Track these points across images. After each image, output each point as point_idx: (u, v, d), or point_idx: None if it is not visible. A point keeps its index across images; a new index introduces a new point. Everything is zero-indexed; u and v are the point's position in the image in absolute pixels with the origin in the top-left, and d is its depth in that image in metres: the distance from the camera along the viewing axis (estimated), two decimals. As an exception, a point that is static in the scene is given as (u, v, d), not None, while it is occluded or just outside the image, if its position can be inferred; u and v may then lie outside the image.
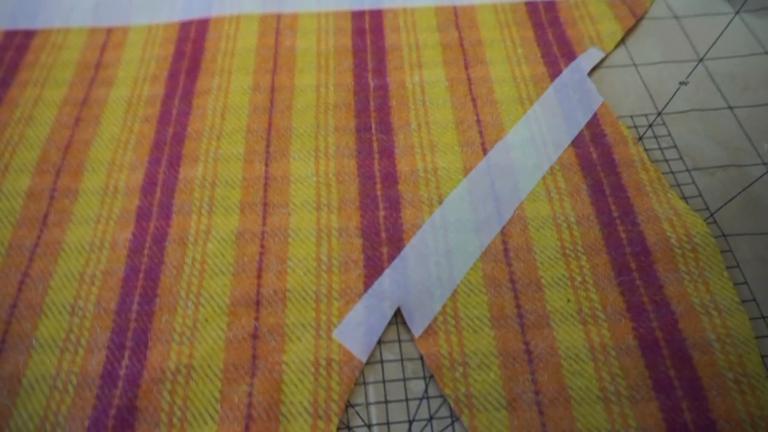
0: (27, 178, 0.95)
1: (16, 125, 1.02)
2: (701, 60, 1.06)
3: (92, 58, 1.13)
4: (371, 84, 1.05)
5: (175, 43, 1.13)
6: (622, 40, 1.11)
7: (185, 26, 1.16)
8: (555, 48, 1.09)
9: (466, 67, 1.07)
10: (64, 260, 0.86)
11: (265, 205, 0.90)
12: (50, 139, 1.00)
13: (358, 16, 1.16)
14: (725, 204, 0.87)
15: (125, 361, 0.76)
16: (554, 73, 1.05)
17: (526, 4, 1.17)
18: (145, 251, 0.86)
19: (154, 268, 0.84)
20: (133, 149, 0.98)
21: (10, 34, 1.17)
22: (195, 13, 1.18)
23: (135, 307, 0.81)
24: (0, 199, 0.92)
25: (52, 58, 1.13)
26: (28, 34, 1.17)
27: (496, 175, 0.92)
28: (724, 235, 0.85)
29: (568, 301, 0.79)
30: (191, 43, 1.13)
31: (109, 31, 1.17)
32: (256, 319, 0.79)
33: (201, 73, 1.08)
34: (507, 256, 0.83)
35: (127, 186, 0.93)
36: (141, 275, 0.84)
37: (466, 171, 0.93)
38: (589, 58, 1.07)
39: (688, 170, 0.92)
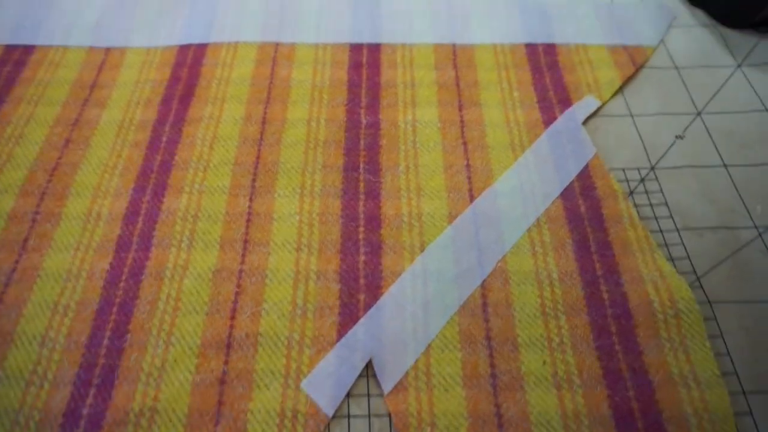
0: (11, 200, 0.94)
1: (6, 144, 1.01)
2: (699, 114, 1.05)
3: (88, 77, 1.12)
4: (363, 121, 1.04)
5: (172, 68, 1.13)
6: (620, 89, 1.09)
7: (183, 51, 1.16)
8: (551, 93, 1.08)
9: (460, 109, 1.06)
10: (39, 288, 0.85)
11: (245, 242, 0.89)
12: (38, 159, 1.00)
13: (356, 49, 1.16)
14: (713, 268, 0.85)
15: (90, 400, 0.75)
16: (549, 119, 1.04)
17: (526, 46, 1.16)
18: (121, 284, 0.85)
19: (129, 302, 0.83)
20: (120, 175, 0.97)
21: (10, 49, 1.17)
22: (194, 39, 1.18)
23: (105, 342, 0.80)
24: (-19, 221, 0.92)
25: (48, 75, 1.13)
26: (28, 50, 1.17)
27: (481, 224, 0.90)
28: (709, 302, 0.83)
29: (544, 363, 0.78)
30: (187, 68, 1.12)
31: (108, 52, 1.17)
32: (226, 363, 0.78)
33: (194, 100, 1.07)
34: (485, 312, 0.82)
35: (110, 213, 0.93)
36: (115, 309, 0.83)
37: (452, 218, 0.91)
38: (585, 106, 1.05)
39: (677, 230, 0.91)
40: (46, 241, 0.90)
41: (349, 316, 0.82)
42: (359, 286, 0.84)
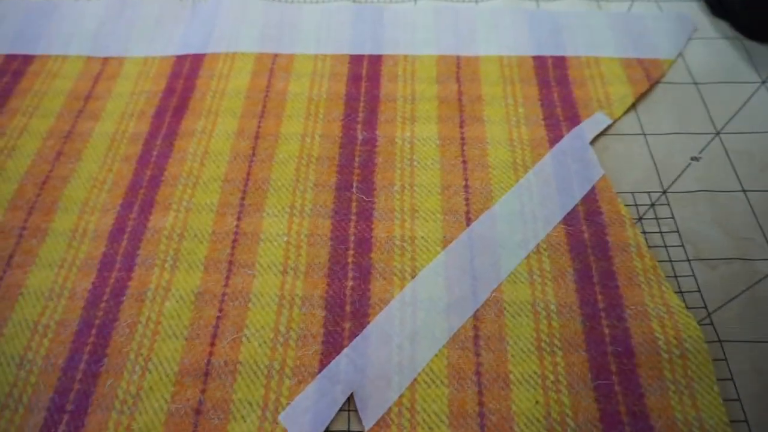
0: (0, 214, 0.93)
1: (-1, 156, 1.00)
2: (718, 133, 0.98)
3: (84, 88, 1.11)
4: (359, 137, 1.00)
5: (168, 79, 1.11)
6: (633, 105, 1.03)
7: (180, 61, 1.14)
8: (559, 110, 1.02)
9: (462, 125, 1.01)
10: (21, 306, 0.83)
11: (230, 263, 0.86)
12: (29, 173, 0.98)
13: (356, 61, 1.12)
14: (725, 303, 0.79)
15: (62, 427, 0.72)
16: (555, 138, 0.98)
17: (534, 58, 1.11)
18: (102, 305, 0.82)
19: (108, 324, 0.81)
20: (109, 190, 0.95)
21: (10, 59, 1.17)
22: (192, 48, 1.15)
23: (82, 366, 0.77)
24: (-34, 236, 0.90)
25: (45, 85, 1.12)
26: (27, 60, 1.17)
27: (477, 250, 0.86)
28: (719, 341, 0.77)
29: (537, 402, 0.73)
30: (183, 80, 1.10)
31: (105, 62, 1.15)
32: (203, 392, 0.75)
33: (188, 113, 1.05)
34: (476, 345, 0.77)
35: (96, 230, 0.91)
36: (94, 330, 0.80)
37: (446, 242, 0.87)
38: (594, 124, 1.00)
39: (688, 260, 0.85)
40: (31, 257, 0.88)
41: (332, 346, 0.78)
42: (345, 313, 0.81)
